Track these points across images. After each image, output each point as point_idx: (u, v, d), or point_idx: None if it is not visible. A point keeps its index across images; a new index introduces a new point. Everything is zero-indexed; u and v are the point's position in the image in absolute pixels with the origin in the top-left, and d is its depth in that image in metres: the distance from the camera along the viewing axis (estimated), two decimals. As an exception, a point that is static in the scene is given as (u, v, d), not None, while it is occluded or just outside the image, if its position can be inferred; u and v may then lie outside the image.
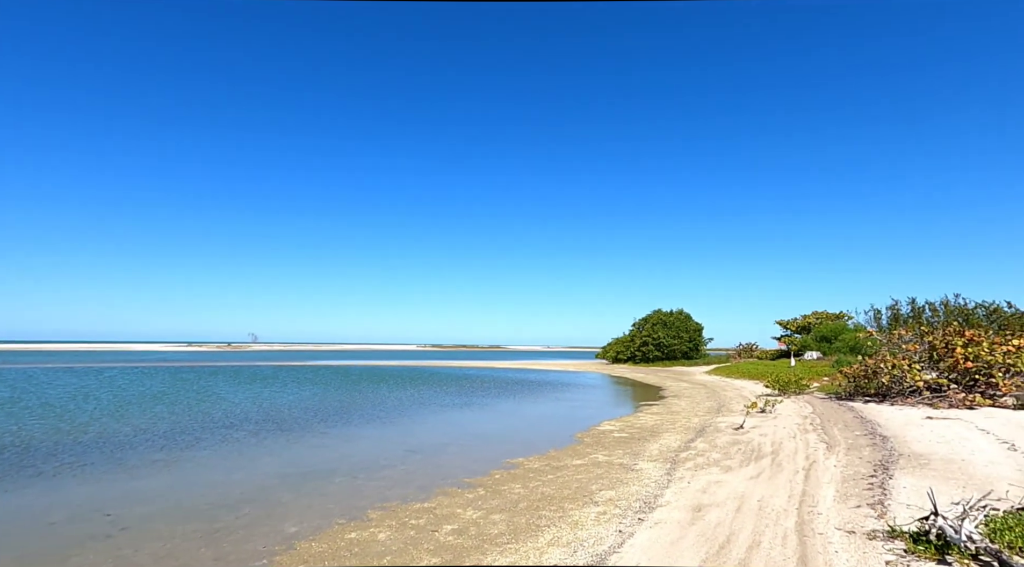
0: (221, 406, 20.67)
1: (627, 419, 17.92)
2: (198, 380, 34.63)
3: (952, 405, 16.06)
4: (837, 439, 12.27)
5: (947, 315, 45.20)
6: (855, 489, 7.75)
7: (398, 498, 8.58)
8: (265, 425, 16.16)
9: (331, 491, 9.01)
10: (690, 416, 18.30)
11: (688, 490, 8.49)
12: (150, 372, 42.50)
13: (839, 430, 13.56)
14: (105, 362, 59.99)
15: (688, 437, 13.82)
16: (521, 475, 10.16)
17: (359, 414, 18.99)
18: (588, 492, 8.75)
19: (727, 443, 12.61)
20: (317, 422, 16.90)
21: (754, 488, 8.31)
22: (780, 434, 13.45)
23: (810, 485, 8.22)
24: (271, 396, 24.81)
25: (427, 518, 7.55)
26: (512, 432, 15.88)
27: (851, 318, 53.79)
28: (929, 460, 9.38)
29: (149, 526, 7.16)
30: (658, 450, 12.20)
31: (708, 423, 16.31)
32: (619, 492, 8.66)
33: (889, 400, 18.19)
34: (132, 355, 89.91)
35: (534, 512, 7.71)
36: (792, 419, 16.03)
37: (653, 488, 8.78)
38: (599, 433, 15.03)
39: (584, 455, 11.95)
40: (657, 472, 9.99)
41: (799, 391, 23.34)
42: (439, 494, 8.84)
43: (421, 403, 23.02)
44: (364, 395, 26.09)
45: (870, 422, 14.45)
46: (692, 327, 65.93)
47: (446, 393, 27.95)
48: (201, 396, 24.40)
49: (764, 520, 6.64)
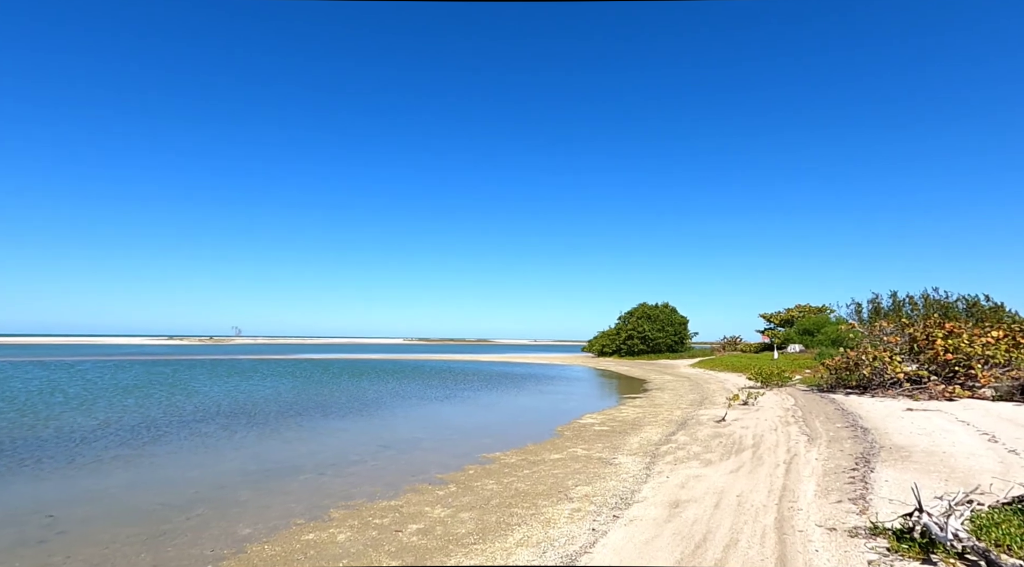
0: (194, 400, 20.03)
1: (609, 412, 17.68)
2: (174, 373, 33.74)
3: (932, 397, 16.06)
4: (819, 431, 12.11)
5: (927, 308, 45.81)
6: (836, 483, 7.52)
7: (364, 496, 8.18)
8: (236, 419, 15.60)
9: (294, 489, 8.57)
10: (672, 409, 18.12)
11: (666, 485, 8.20)
12: (125, 365, 41.39)
13: (821, 422, 13.43)
14: (80, 356, 58.43)
15: (669, 430, 13.60)
16: (496, 470, 9.81)
17: (335, 408, 18.50)
18: (563, 488, 8.43)
19: (708, 436, 12.40)
20: (290, 417, 16.38)
21: (734, 482, 8.05)
22: (762, 427, 13.27)
23: (790, 479, 7.97)
24: (247, 390, 24.18)
25: (392, 517, 7.16)
26: (491, 426, 15.54)
27: (833, 311, 54.34)
28: (910, 452, 9.21)
29: (90, 529, 6.66)
30: (638, 444, 11.93)
31: (690, 416, 16.13)
32: (595, 488, 8.35)
33: (870, 392, 18.19)
34: (109, 349, 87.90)
35: (506, 510, 7.36)
36: (774, 411, 15.90)
37: (631, 483, 8.48)
38: (580, 426, 14.75)
39: (563, 449, 11.64)
40: (636, 466, 9.71)
41: (782, 383, 23.33)
42: (408, 491, 8.45)
43: (400, 396, 22.57)
44: (343, 389, 25.56)
45: (851, 414, 14.36)
46: (677, 320, 66.20)
47: (427, 386, 27.52)
48: (174, 390, 23.67)
49: (743, 517, 6.36)
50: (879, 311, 50.97)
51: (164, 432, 13.46)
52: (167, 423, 14.82)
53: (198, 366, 42.12)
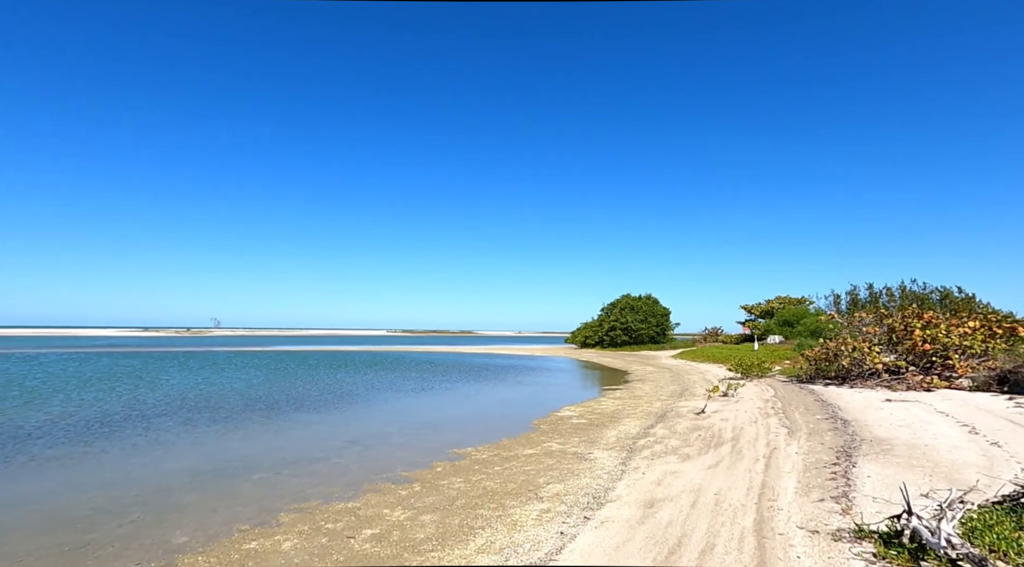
0: (157, 393, 19.17)
1: (588, 404, 17.32)
2: (143, 366, 32.58)
3: (910, 387, 16.00)
4: (798, 424, 11.86)
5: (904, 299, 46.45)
6: (818, 479, 7.18)
7: (321, 497, 7.63)
8: (199, 414, 14.87)
9: (245, 490, 7.97)
10: (652, 400, 17.84)
11: (642, 482, 7.80)
12: (92, 358, 39.95)
13: (800, 414, 13.21)
14: (47, 348, 56.43)
15: (648, 423, 13.26)
16: (465, 467, 9.33)
17: (306, 401, 17.83)
18: (535, 486, 7.98)
19: (687, 429, 12.07)
20: (257, 411, 15.69)
21: (712, 479, 7.68)
22: (741, 419, 13.00)
23: (770, 475, 7.63)
24: (217, 382, 23.31)
25: (347, 521, 6.62)
26: (466, 419, 15.05)
27: (812, 303, 54.97)
28: (892, 445, 8.95)
29: (6, 538, 6.01)
30: (615, 437, 11.55)
31: (670, 408, 15.84)
32: (568, 486, 7.92)
33: (849, 382, 18.12)
34: (80, 340, 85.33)
35: (471, 511, 6.88)
36: (754, 403, 15.69)
37: (605, 480, 8.07)
38: (557, 419, 14.35)
39: (537, 444, 11.20)
40: (611, 462, 9.30)
41: (762, 374, 23.26)
42: (369, 491, 7.92)
43: (375, 389, 21.95)
44: (317, 381, 24.84)
45: (831, 405, 14.18)
46: (660, 312, 66.34)
47: (405, 378, 26.92)
48: (139, 383, 22.71)
49: (720, 518, 5.96)
50: (857, 302, 51.64)
51: (118, 428, 12.70)
52: (124, 418, 14.03)
53: (169, 358, 40.86)
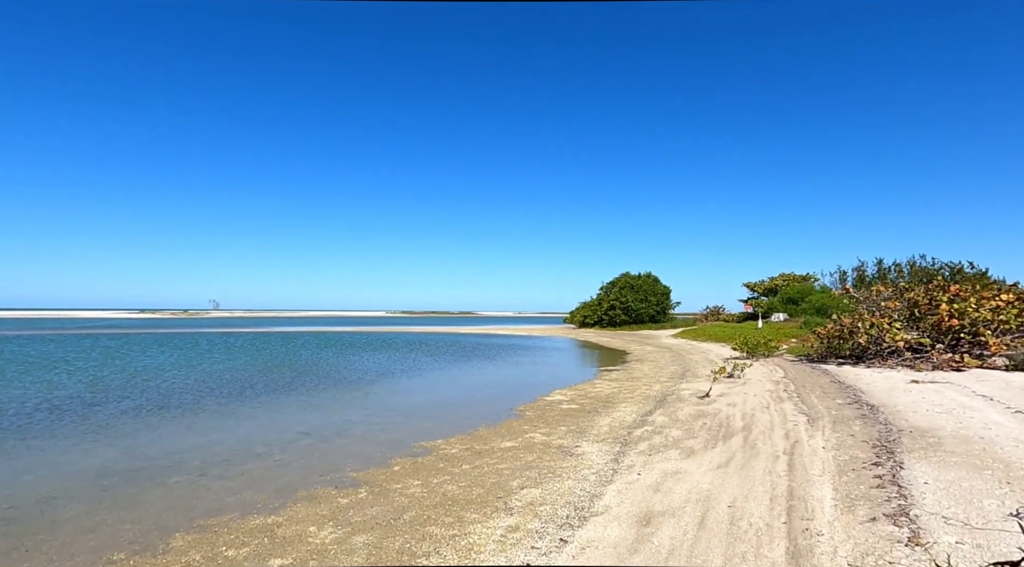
0: (115, 377, 17.72)
1: (581, 387, 15.87)
2: (121, 348, 31.19)
3: (936, 366, 14.50)
4: (818, 409, 10.37)
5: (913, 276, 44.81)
6: (860, 486, 5.68)
7: (239, 508, 6.15)
8: (150, 399, 13.43)
9: (152, 498, 6.50)
10: (652, 382, 16.38)
11: (637, 487, 6.32)
12: (67, 339, 38.56)
13: (818, 398, 11.72)
14: (34, 329, 55.09)
15: (646, 409, 11.79)
16: (428, 465, 7.86)
17: (274, 385, 16.39)
18: (506, 491, 6.50)
19: (691, 416, 10.60)
20: (214, 396, 14.25)
21: (723, 483, 6.20)
22: (751, 403, 11.53)
23: (797, 479, 6.13)
24: (190, 364, 21.87)
25: (256, 544, 5.15)
26: (443, 405, 13.60)
27: (817, 280, 53.36)
28: (939, 438, 7.45)
29: None
30: (608, 426, 10.08)
31: (671, 391, 14.38)
32: (546, 491, 6.44)
33: (866, 362, 16.63)
34: (71, 322, 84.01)
35: (419, 529, 5.40)
36: (763, 385, 14.22)
37: (592, 484, 6.59)
38: (545, 405, 12.89)
39: (519, 434, 9.74)
40: (601, 458, 7.83)
41: (768, 353, 21.79)
42: (302, 499, 6.45)
43: (355, 370, 20.52)
44: (295, 364, 23.41)
45: (851, 388, 12.70)
46: (660, 290, 64.81)
47: (390, 359, 25.51)
48: (103, 365, 21.29)
49: (740, 546, 4.47)
50: (864, 279, 50.00)
51: (43, 418, 11.25)
52: (65, 405, 12.58)
53: (150, 340, 39.47)
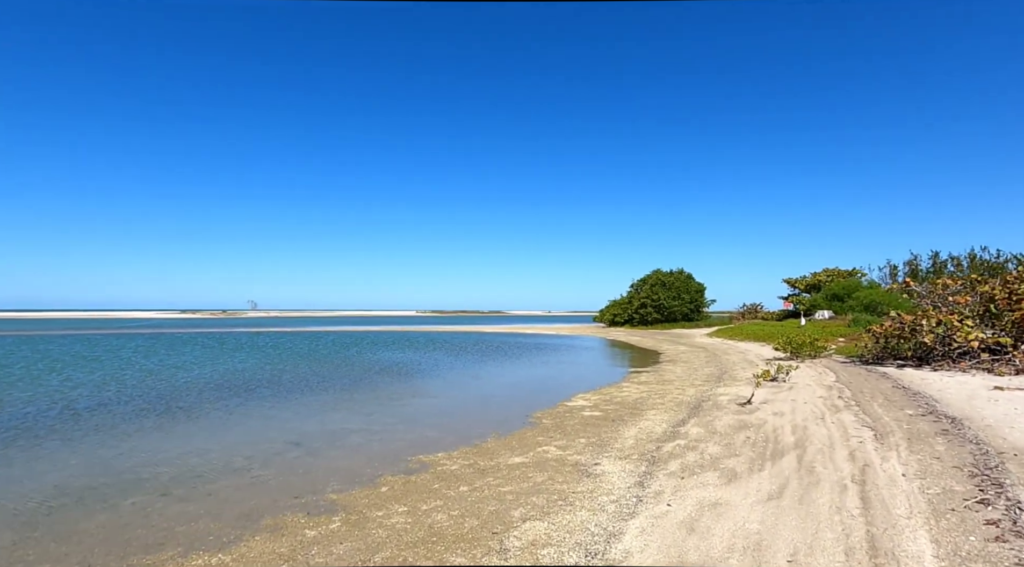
0: (134, 375, 17.41)
1: (607, 391, 14.55)
2: (152, 346, 31.52)
3: (1020, 370, 12.57)
4: (885, 422, 8.81)
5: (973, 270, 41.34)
6: (970, 538, 4.27)
7: (186, 542, 5.20)
8: (151, 401, 12.87)
9: (92, 527, 5.61)
10: (685, 386, 14.92)
11: (666, 524, 5.06)
12: (104, 339, 39.44)
13: (882, 407, 10.11)
14: (76, 329, 57.15)
15: (679, 417, 10.42)
16: (422, 485, 6.77)
17: (282, 387, 15.69)
18: (504, 524, 5.35)
19: (730, 427, 9.19)
20: (217, 398, 13.60)
21: (776, 523, 4.87)
22: (802, 413, 10.01)
23: (877, 521, 4.75)
24: (206, 363, 21.56)
25: (183, 595, 4.15)
26: (453, 410, 12.53)
27: (864, 275, 50.14)
28: (1056, 465, 5.89)
29: None
30: (634, 439, 8.78)
31: (706, 396, 12.92)
32: (553, 525, 5.25)
33: (932, 364, 14.72)
34: (115, 322, 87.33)
35: (387, 577, 4.30)
36: (813, 390, 12.60)
37: (610, 517, 5.36)
38: (565, 411, 11.66)
39: (531, 447, 8.56)
40: (624, 481, 6.57)
41: (815, 354, 19.91)
42: (264, 530, 5.45)
43: (371, 371, 19.72)
44: (310, 363, 22.83)
45: (919, 395, 11.00)
46: (694, 288, 62.39)
47: (411, 358, 24.69)
48: (127, 364, 21.19)
49: (811, 632, 3.18)
50: (917, 273, 46.64)
51: (41, 424, 10.74)
52: (60, 409, 12.12)
53: (184, 339, 40.03)
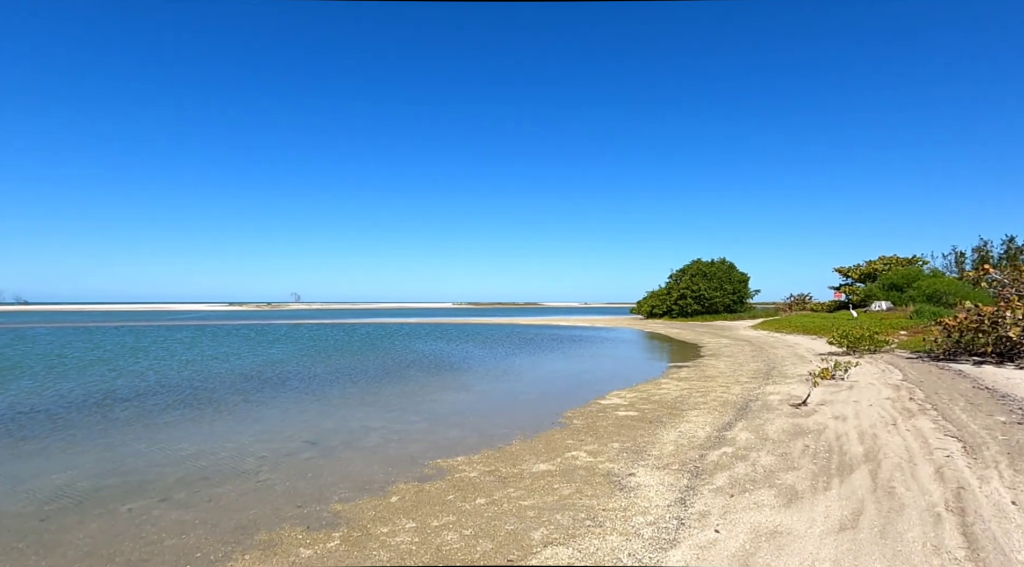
0: (170, 365, 17.64)
1: (644, 387, 13.59)
2: (196, 338, 32.45)
3: None
4: (973, 431, 7.58)
5: (1052, 256, 37.73)
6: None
7: (171, 559, 4.71)
8: (179, 394, 12.81)
9: (80, 538, 5.21)
10: (730, 383, 13.79)
11: (714, 559, 4.21)
12: (154, 331, 41.01)
13: (965, 412, 8.81)
14: (130, 321, 60.02)
15: (724, 419, 9.42)
16: (436, 495, 6.13)
17: (308, 380, 15.46)
18: (522, 549, 4.62)
19: (785, 432, 8.15)
20: (244, 391, 13.46)
21: (857, 565, 3.94)
22: (868, 417, 8.84)
23: (989, 567, 3.76)
24: (244, 355, 21.78)
25: (148, 630, 3.61)
26: (479, 408, 11.87)
27: (926, 263, 46.63)
28: None
29: None
30: (674, 445, 7.88)
31: (754, 395, 11.80)
32: (576, 552, 4.49)
33: (1016, 361, 13.06)
34: (166, 314, 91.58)
35: (379, 616, 3.65)
36: (878, 390, 11.30)
37: (646, 544, 4.55)
38: (598, 410, 10.83)
39: (559, 452, 7.79)
40: (663, 497, 5.72)
41: (875, 349, 18.26)
42: (257, 546, 4.92)
43: (402, 365, 19.38)
44: (345, 355, 22.73)
45: (1009, 398, 9.60)
46: (736, 278, 59.85)
47: (442, 351, 24.28)
48: (167, 355, 21.65)
49: None
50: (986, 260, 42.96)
51: (58, 416, 10.74)
52: (82, 401, 12.18)
53: (227, 331, 41.19)
